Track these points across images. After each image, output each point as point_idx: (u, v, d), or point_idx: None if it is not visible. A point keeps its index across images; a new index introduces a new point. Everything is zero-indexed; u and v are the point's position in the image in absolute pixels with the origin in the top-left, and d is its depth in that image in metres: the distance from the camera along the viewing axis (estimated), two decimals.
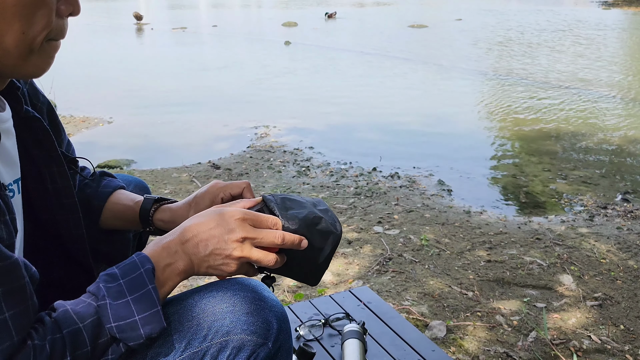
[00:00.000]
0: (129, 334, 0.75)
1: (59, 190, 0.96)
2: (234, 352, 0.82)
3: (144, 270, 0.79)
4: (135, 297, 0.76)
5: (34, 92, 1.00)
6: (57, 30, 0.79)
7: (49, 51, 0.79)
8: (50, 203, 0.96)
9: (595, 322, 2.25)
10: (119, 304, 0.75)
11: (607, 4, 25.18)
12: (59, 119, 1.06)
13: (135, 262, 0.80)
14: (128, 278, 0.77)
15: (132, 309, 0.75)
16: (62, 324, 0.70)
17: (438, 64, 10.21)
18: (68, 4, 0.79)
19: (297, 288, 2.50)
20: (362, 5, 26.54)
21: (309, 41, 13.68)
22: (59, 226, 0.98)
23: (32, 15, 0.73)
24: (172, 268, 0.83)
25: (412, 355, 1.56)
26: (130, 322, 0.75)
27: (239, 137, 5.63)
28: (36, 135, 0.92)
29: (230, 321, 0.83)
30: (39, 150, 0.92)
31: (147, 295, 0.77)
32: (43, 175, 0.94)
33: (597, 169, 4.57)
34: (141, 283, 0.77)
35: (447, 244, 2.97)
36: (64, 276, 0.99)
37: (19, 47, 0.74)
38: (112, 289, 0.76)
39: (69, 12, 0.80)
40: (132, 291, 0.76)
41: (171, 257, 0.83)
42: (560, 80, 8.52)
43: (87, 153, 1.12)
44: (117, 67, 10.46)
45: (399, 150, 5.17)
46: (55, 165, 0.95)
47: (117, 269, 0.79)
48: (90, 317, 0.73)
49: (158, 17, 21.56)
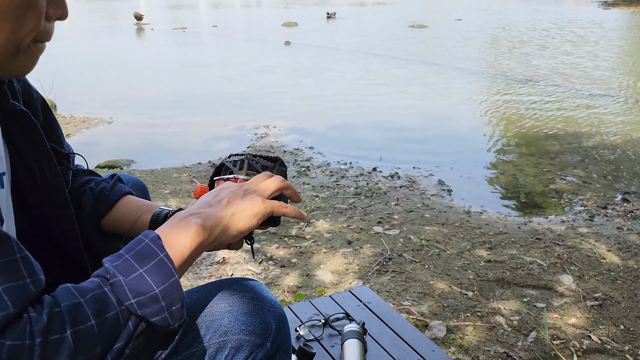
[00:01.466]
0: (152, 308, 0.70)
1: (50, 186, 0.95)
2: (232, 352, 0.82)
3: (149, 240, 0.74)
4: (148, 269, 0.71)
5: (27, 88, 1.00)
6: (45, 33, 0.81)
7: (35, 52, 0.81)
8: (41, 199, 0.95)
9: (595, 322, 2.25)
10: (132, 278, 0.70)
11: (607, 4, 25.18)
12: (54, 115, 1.06)
13: (138, 238, 0.75)
14: (134, 252, 0.73)
15: (148, 282, 0.70)
16: (60, 299, 0.67)
17: (438, 64, 10.21)
18: (57, 8, 0.81)
19: (297, 288, 2.50)
20: (362, 5, 26.54)
21: (309, 41, 13.68)
22: (52, 222, 0.97)
23: (22, 17, 0.75)
24: (185, 229, 0.78)
25: (412, 355, 1.56)
26: (152, 294, 0.70)
27: (239, 137, 5.63)
28: (24, 129, 0.91)
29: (228, 321, 0.83)
30: (27, 145, 0.92)
31: (161, 264, 0.72)
32: (32, 171, 0.93)
33: (597, 169, 4.57)
34: (150, 253, 0.72)
35: (447, 244, 2.97)
36: (61, 274, 0.99)
37: (7, 47, 0.75)
38: (120, 265, 0.71)
39: (57, 16, 0.82)
40: (142, 263, 0.71)
41: (182, 220, 0.79)
42: (561, 80, 8.52)
43: (87, 153, 1.11)
44: (117, 67, 10.46)
45: (399, 151, 5.17)
46: (45, 161, 0.94)
47: (122, 250, 0.75)
48: (92, 291, 0.68)
49: (158, 17, 21.56)
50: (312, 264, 2.74)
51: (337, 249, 2.90)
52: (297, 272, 2.65)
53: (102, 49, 13.00)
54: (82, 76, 9.19)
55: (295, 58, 11.23)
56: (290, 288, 2.50)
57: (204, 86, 8.45)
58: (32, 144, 0.92)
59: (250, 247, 0.97)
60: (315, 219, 3.34)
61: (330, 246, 2.94)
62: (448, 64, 10.22)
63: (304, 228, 3.19)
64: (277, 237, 3.07)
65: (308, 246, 2.95)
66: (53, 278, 0.98)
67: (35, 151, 0.92)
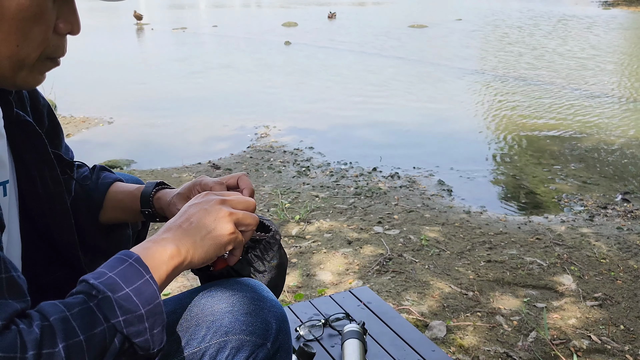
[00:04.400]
0: (137, 327, 0.69)
1: (52, 195, 0.94)
2: (233, 353, 0.82)
3: (133, 261, 0.73)
4: (135, 289, 0.70)
5: (35, 94, 1.00)
6: (55, 48, 0.77)
7: (41, 69, 0.78)
8: (43, 208, 0.94)
9: (595, 322, 2.25)
10: (120, 296, 0.68)
11: (607, 4, 25.18)
12: (57, 120, 1.06)
13: (119, 258, 0.74)
14: (118, 270, 0.71)
15: (135, 301, 0.69)
16: (47, 313, 0.65)
17: (438, 64, 10.21)
18: (67, 23, 0.77)
19: (297, 288, 2.50)
20: (362, 4, 26.54)
21: (309, 41, 13.68)
22: (52, 231, 0.96)
23: (28, 31, 0.72)
24: (161, 252, 0.77)
25: (412, 355, 1.56)
26: (138, 314, 0.69)
27: (239, 137, 5.63)
28: (28, 138, 0.90)
29: (229, 321, 0.83)
30: (30, 154, 0.91)
31: (146, 285, 0.71)
32: (34, 180, 0.92)
33: (597, 169, 4.57)
34: (136, 273, 0.71)
35: (447, 244, 2.97)
36: (62, 280, 0.99)
37: (10, 59, 0.73)
38: (105, 282, 0.69)
39: (68, 31, 0.78)
40: (127, 283, 0.70)
41: (158, 243, 0.78)
42: (561, 81, 8.52)
43: (87, 153, 1.11)
44: (117, 67, 10.46)
45: (399, 150, 5.17)
46: (48, 170, 0.93)
47: (101, 268, 0.72)
48: (79, 306, 0.67)
49: (158, 17, 21.56)
50: (312, 264, 2.74)
51: (337, 249, 2.90)
52: (297, 272, 2.65)
53: (102, 48, 13.00)
54: (82, 76, 9.18)
55: (295, 58, 11.23)
56: (290, 288, 2.50)
57: (204, 86, 8.45)
58: (35, 153, 0.91)
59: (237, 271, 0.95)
60: (315, 219, 3.34)
61: (330, 246, 2.94)
62: (448, 63, 10.22)
63: (305, 228, 3.19)
64: None
65: (308, 246, 2.95)
66: (56, 282, 0.98)
67: (38, 160, 0.91)
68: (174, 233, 0.80)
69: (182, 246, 0.78)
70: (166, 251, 0.77)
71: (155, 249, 0.77)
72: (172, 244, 0.78)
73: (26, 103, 0.96)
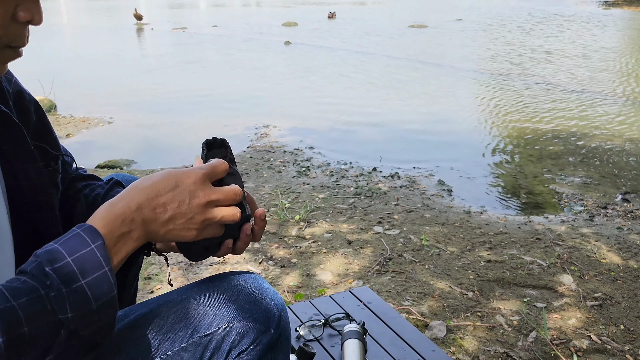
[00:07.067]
0: (86, 321, 0.68)
1: (34, 187, 0.93)
2: (238, 338, 0.85)
3: (95, 247, 0.69)
4: (90, 281, 0.67)
5: (19, 90, 0.99)
6: (13, 37, 0.75)
7: (1, 58, 0.76)
8: (26, 200, 0.93)
9: (595, 322, 2.25)
10: (72, 289, 0.66)
11: (607, 4, 25.18)
12: (47, 117, 1.05)
13: (81, 237, 0.70)
14: (76, 256, 0.68)
15: (88, 296, 0.67)
16: None
17: (438, 64, 10.21)
18: (27, 11, 0.75)
19: (297, 288, 2.50)
20: (362, 4, 26.54)
21: (309, 41, 13.68)
22: (37, 224, 0.96)
23: None
24: (126, 238, 0.75)
25: (412, 355, 1.56)
26: (89, 310, 0.67)
27: (239, 137, 5.63)
28: (4, 128, 0.89)
29: (234, 308, 0.87)
30: (10, 145, 0.90)
31: (104, 278, 0.69)
32: (17, 172, 0.91)
33: (597, 169, 4.57)
34: (95, 264, 0.68)
35: (447, 244, 2.97)
36: None
37: None
38: (60, 270, 0.66)
39: (28, 19, 0.76)
40: (85, 274, 0.67)
41: (126, 225, 0.74)
42: (561, 81, 8.52)
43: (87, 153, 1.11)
44: (117, 67, 10.46)
45: (399, 150, 5.18)
46: (30, 162, 0.92)
47: (59, 245, 0.69)
48: (27, 295, 0.64)
49: (158, 17, 21.56)
50: (312, 264, 2.74)
51: (337, 249, 2.90)
52: (297, 272, 2.65)
53: (102, 48, 13.00)
54: (82, 76, 9.18)
55: (295, 58, 11.23)
56: (290, 288, 2.50)
57: (204, 86, 8.45)
58: (16, 145, 0.90)
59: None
60: (315, 219, 3.34)
61: (330, 246, 2.94)
62: (448, 63, 10.22)
63: (305, 228, 3.19)
64: (277, 237, 3.07)
65: (308, 246, 2.95)
66: None
67: (19, 152, 0.91)
68: (145, 214, 0.76)
69: (151, 227, 0.77)
70: (133, 236, 0.75)
71: (123, 231, 0.74)
72: (141, 229, 0.76)
73: (8, 97, 0.94)
